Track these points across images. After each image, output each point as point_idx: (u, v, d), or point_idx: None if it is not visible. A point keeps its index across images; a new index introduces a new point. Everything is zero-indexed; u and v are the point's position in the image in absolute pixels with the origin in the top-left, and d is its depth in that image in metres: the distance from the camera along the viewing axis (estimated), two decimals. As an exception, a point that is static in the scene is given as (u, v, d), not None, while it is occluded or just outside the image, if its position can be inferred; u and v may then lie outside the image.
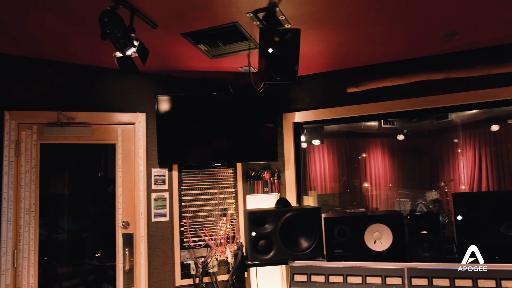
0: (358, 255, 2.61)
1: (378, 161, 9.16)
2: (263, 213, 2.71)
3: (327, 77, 3.94)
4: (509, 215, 2.45)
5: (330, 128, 8.12)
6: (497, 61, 3.35)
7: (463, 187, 8.24)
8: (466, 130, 8.30)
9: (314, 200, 4.84)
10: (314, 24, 2.87)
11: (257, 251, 2.66)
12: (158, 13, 2.65)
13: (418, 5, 2.65)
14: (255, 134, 3.89)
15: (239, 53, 3.36)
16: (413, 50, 3.53)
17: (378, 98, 3.76)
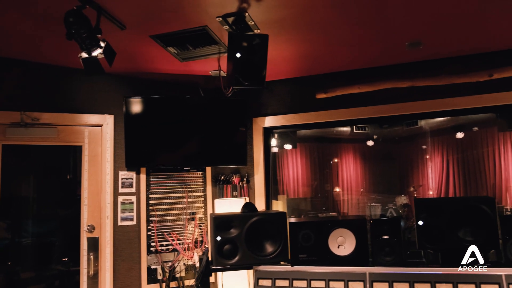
0: (322, 259, 2.64)
1: (350, 166, 9.28)
2: (229, 217, 2.70)
3: (297, 83, 3.98)
4: (467, 221, 2.52)
5: (303, 133, 8.18)
6: (460, 71, 3.46)
7: (431, 192, 8.44)
8: (435, 136, 8.52)
9: (284, 205, 4.86)
10: (284, 30, 2.90)
11: (222, 256, 2.65)
12: (126, 14, 2.62)
13: (384, 14, 2.71)
14: (225, 138, 3.89)
15: (209, 57, 3.36)
16: (381, 58, 3.61)
17: (346, 104, 3.82)
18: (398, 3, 2.55)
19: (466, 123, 7.75)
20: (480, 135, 7.75)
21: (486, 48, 3.42)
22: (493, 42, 3.31)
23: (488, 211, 2.48)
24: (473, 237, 2.52)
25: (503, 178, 7.26)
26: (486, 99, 3.51)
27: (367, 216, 7.93)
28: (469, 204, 2.56)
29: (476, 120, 7.56)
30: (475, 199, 2.58)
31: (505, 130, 6.75)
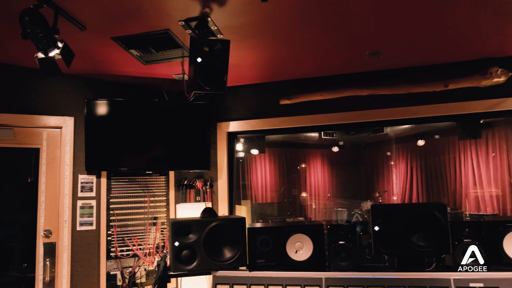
0: (280, 264, 2.66)
1: (318, 172, 9.39)
2: (187, 222, 2.68)
3: (261, 88, 4.01)
4: (420, 227, 2.59)
5: (272, 138, 8.23)
6: (418, 81, 3.57)
7: (395, 197, 8.63)
8: (399, 143, 8.73)
9: (248, 210, 4.87)
10: (248, 36, 2.92)
11: (179, 261, 2.63)
12: (86, 15, 2.58)
13: (346, 24, 2.77)
14: (189, 143, 3.87)
15: (172, 60, 3.34)
16: (343, 66, 3.68)
17: (309, 111, 3.87)
18: (358, 14, 2.62)
19: (429, 131, 7.99)
20: (442, 143, 8.00)
21: (442, 59, 3.55)
22: (448, 54, 3.44)
23: (440, 217, 2.56)
24: (425, 242, 2.59)
25: (463, 185, 7.52)
26: (443, 109, 3.63)
27: (333, 221, 8.04)
28: (423, 210, 2.63)
29: (439, 128, 7.81)
30: (428, 205, 2.65)
31: (465, 138, 6.99)
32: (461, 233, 2.49)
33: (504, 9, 2.61)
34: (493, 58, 3.47)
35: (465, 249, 2.45)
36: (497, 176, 6.90)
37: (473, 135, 6.26)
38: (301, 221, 7.32)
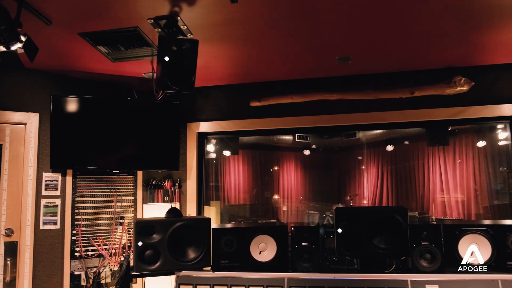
0: (243, 265, 2.67)
1: (291, 174, 9.44)
2: (151, 222, 2.66)
3: (232, 90, 4.02)
4: (382, 229, 2.65)
5: (246, 140, 8.24)
6: (385, 87, 3.65)
7: (365, 201, 8.76)
8: (371, 148, 8.87)
9: (217, 211, 4.86)
10: (218, 37, 2.92)
11: (142, 261, 2.61)
12: (52, 10, 2.53)
13: (316, 29, 2.81)
14: (158, 142, 3.84)
15: (142, 59, 3.32)
16: (313, 71, 3.72)
17: (279, 114, 3.90)
18: (328, 19, 2.66)
19: (400, 137, 8.15)
20: (412, 148, 8.17)
21: (409, 67, 3.64)
22: (414, 62, 3.53)
23: (401, 220, 2.62)
24: (386, 244, 2.65)
25: (431, 190, 7.70)
26: (409, 115, 3.73)
27: (305, 223, 8.10)
28: (385, 213, 2.69)
29: (409, 135, 7.97)
30: (390, 209, 2.72)
31: (433, 145, 7.16)
32: (419, 236, 2.56)
33: (469, 18, 2.70)
34: (457, 68, 3.58)
35: (423, 251, 2.52)
36: (463, 182, 7.08)
37: (441, 142, 6.41)
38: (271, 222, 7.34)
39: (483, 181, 6.46)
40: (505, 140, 4.25)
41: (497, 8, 2.55)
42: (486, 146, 6.04)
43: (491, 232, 2.39)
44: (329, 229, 3.20)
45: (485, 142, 5.97)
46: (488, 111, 3.58)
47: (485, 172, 6.39)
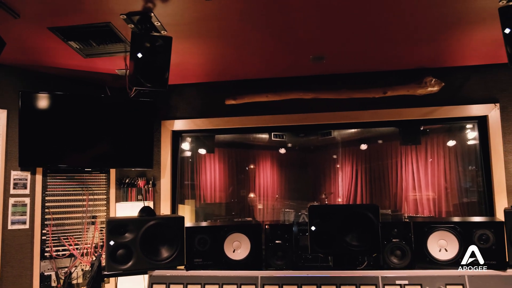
0: (217, 264, 2.66)
1: (267, 173, 9.47)
2: (124, 221, 2.63)
3: (207, 88, 4.00)
4: (353, 227, 2.69)
5: (222, 138, 8.21)
6: (359, 87, 3.70)
7: (340, 199, 8.87)
8: (346, 147, 8.98)
9: (192, 209, 4.83)
10: (193, 34, 2.89)
11: (114, 261, 2.57)
12: (20, 3, 2.45)
13: (291, 28, 2.82)
14: (131, 140, 3.78)
15: (115, 55, 3.26)
16: (288, 69, 3.74)
17: (255, 112, 3.90)
18: (303, 18, 2.67)
19: (374, 136, 8.28)
20: (385, 147, 8.31)
21: (382, 67, 3.70)
22: (387, 62, 3.59)
23: (373, 218, 2.67)
24: (358, 242, 2.69)
25: (403, 188, 7.86)
26: (382, 114, 3.79)
27: (281, 221, 8.15)
28: (357, 211, 2.73)
29: (383, 134, 8.11)
30: (361, 206, 2.76)
31: (406, 144, 7.32)
32: (390, 233, 2.61)
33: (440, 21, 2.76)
34: (429, 68, 3.66)
35: (394, 248, 2.57)
36: (434, 181, 7.26)
37: (413, 141, 6.56)
38: (246, 221, 7.35)
39: (453, 179, 6.64)
40: (474, 140, 4.38)
41: (466, 11, 2.62)
42: (456, 145, 6.20)
43: (458, 229, 2.46)
44: (303, 227, 3.24)
45: (455, 141, 6.13)
46: (457, 111, 3.68)
47: (455, 170, 6.57)
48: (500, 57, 3.44)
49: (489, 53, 3.39)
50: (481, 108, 3.62)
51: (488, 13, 2.63)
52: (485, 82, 3.63)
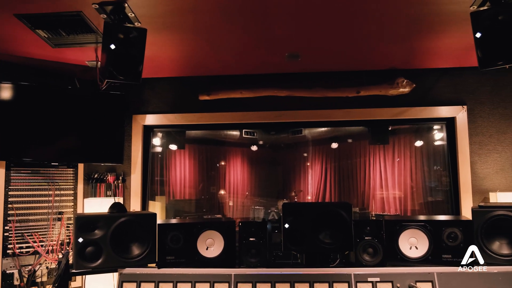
0: (190, 261, 2.62)
1: (237, 170, 9.44)
2: (93, 218, 2.54)
3: (180, 82, 3.94)
4: (326, 224, 2.71)
5: (193, 134, 8.11)
6: (332, 85, 3.73)
7: (309, 197, 8.95)
8: (316, 145, 9.07)
9: (162, 206, 4.75)
10: (167, 27, 2.83)
11: (83, 259, 2.48)
12: (-17, -13, 2.33)
13: (267, 24, 2.80)
14: (101, 134, 3.67)
15: (85, 45, 3.15)
16: (263, 66, 3.73)
17: (229, 108, 3.87)
18: (279, 16, 2.66)
19: (343, 135, 8.39)
20: (354, 146, 8.45)
21: (355, 67, 3.75)
22: (361, 62, 3.64)
23: (345, 215, 2.69)
24: (331, 239, 2.71)
25: (371, 187, 8.01)
26: (354, 114, 3.84)
27: (250, 218, 8.14)
28: (330, 209, 2.75)
29: (352, 133, 8.24)
30: (335, 204, 2.79)
31: (375, 143, 7.47)
32: (362, 231, 2.65)
33: (412, 23, 2.82)
34: (401, 70, 3.73)
35: (366, 246, 2.61)
36: (400, 180, 7.44)
37: (382, 141, 6.70)
38: (217, 218, 7.30)
39: (419, 179, 6.82)
40: (441, 140, 4.51)
41: (438, 15, 2.68)
42: (423, 145, 6.37)
43: (428, 227, 2.52)
44: (273, 225, 3.23)
45: (422, 142, 6.29)
46: (427, 113, 3.77)
47: (421, 170, 6.75)
48: (468, 60, 3.55)
49: (458, 57, 3.49)
50: (449, 110, 3.73)
51: (459, 18, 2.70)
52: (453, 85, 3.74)
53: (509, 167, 3.59)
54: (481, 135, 3.65)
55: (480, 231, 2.47)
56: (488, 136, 3.64)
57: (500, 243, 2.48)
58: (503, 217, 2.45)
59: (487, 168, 3.61)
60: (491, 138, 3.64)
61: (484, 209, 2.51)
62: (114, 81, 2.68)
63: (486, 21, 2.42)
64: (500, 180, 3.58)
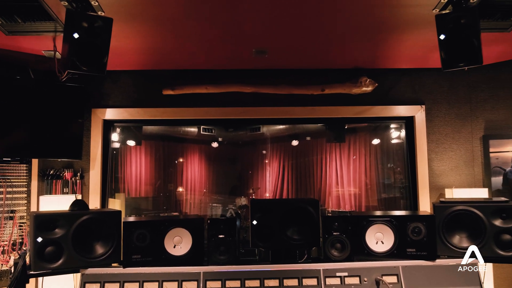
0: (157, 260, 2.54)
1: (195, 167, 9.33)
2: (53, 216, 2.40)
3: (143, 76, 3.81)
4: (294, 221, 2.72)
5: (150, 130, 7.92)
6: (298, 83, 3.76)
7: (267, 194, 9.01)
8: (274, 143, 9.12)
9: (122, 203, 4.60)
10: (131, 18, 2.73)
11: (42, 259, 2.34)
12: None
13: (235, 19, 2.77)
14: (58, 128, 3.48)
15: (42, 34, 2.97)
16: (229, 62, 3.69)
17: (193, 104, 3.80)
18: (247, 11, 2.63)
19: (302, 133, 8.50)
20: (312, 144, 8.59)
21: (321, 65, 3.79)
22: (326, 60, 3.68)
23: (313, 212, 2.72)
24: (299, 235, 2.73)
25: (328, 184, 8.18)
26: (319, 111, 3.88)
27: (208, 215, 8.07)
28: (298, 205, 2.76)
29: (310, 131, 8.36)
30: (302, 201, 2.80)
31: (331, 141, 7.63)
32: (331, 227, 2.68)
33: (376, 25, 2.88)
34: (364, 69, 3.82)
35: (334, 241, 2.64)
36: (355, 177, 7.64)
37: (338, 139, 6.85)
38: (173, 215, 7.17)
39: (374, 176, 7.04)
40: (397, 139, 4.67)
41: (401, 17, 2.77)
42: (379, 144, 6.57)
43: (394, 222, 2.59)
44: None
45: (378, 140, 6.49)
46: (387, 111, 3.89)
47: (375, 168, 6.97)
48: (427, 62, 3.70)
49: (418, 58, 3.62)
50: (408, 109, 3.86)
51: (421, 20, 2.80)
52: (413, 85, 3.88)
53: (463, 164, 3.77)
54: (438, 133, 3.81)
55: (442, 225, 2.58)
56: (444, 134, 3.81)
57: (460, 237, 2.60)
58: (463, 212, 2.57)
59: (443, 166, 3.78)
60: (447, 137, 3.81)
61: (445, 204, 2.62)
62: (77, 72, 2.54)
63: (449, 23, 2.52)
64: (454, 177, 3.75)
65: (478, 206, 2.56)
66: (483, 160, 3.73)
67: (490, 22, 2.90)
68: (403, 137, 4.20)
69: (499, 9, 2.74)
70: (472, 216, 2.56)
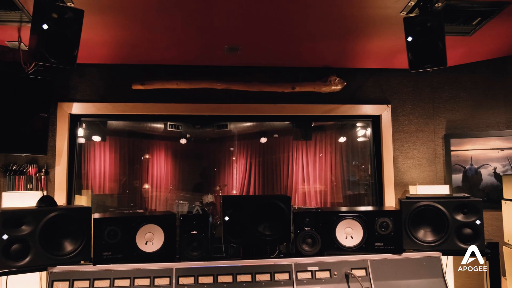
0: (129, 257, 2.50)
1: (161, 164, 9.21)
2: (20, 212, 2.32)
3: (112, 70, 3.74)
4: (266, 217, 2.75)
5: (115, 125, 7.75)
6: (269, 80, 3.80)
7: (234, 191, 9.02)
8: (241, 140, 9.14)
9: (88, 200, 4.49)
10: (101, 10, 2.68)
11: (7, 257, 2.26)
12: None
13: (208, 15, 2.76)
14: (21, 122, 3.37)
15: (7, 24, 2.87)
16: (201, 58, 3.68)
17: (163, 99, 3.77)
18: (220, 7, 2.64)
19: (269, 130, 8.57)
20: (279, 142, 8.67)
21: (292, 63, 3.85)
22: (297, 59, 3.74)
23: (284, 208, 2.76)
24: (270, 231, 2.76)
25: (294, 181, 8.29)
26: (289, 109, 3.94)
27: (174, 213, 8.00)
28: (269, 201, 2.79)
29: (278, 128, 8.44)
30: (274, 197, 2.83)
31: (298, 139, 7.74)
32: (302, 223, 2.73)
33: (345, 25, 2.96)
34: (333, 68, 3.91)
35: (305, 236, 2.69)
36: (321, 174, 7.79)
37: (305, 137, 6.96)
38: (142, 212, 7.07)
39: (339, 173, 7.20)
40: (363, 137, 4.81)
41: (370, 18, 2.86)
42: (345, 142, 6.72)
43: (363, 217, 2.67)
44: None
45: (345, 138, 6.64)
46: (355, 110, 4.00)
47: (340, 165, 7.12)
48: (394, 62, 3.82)
49: (385, 58, 3.74)
50: (375, 108, 3.98)
51: (389, 22, 2.90)
52: (380, 85, 4.00)
53: (426, 162, 3.93)
54: (403, 132, 3.95)
55: (407, 220, 2.68)
56: (409, 133, 3.95)
57: (424, 231, 2.71)
58: (427, 207, 2.68)
59: (407, 163, 3.92)
60: (411, 135, 3.96)
61: (411, 200, 2.72)
62: (41, 65, 2.46)
63: (417, 26, 2.62)
64: (418, 174, 3.91)
65: (441, 202, 2.68)
66: (445, 158, 3.90)
67: (454, 26, 3.05)
68: (368, 135, 4.33)
69: (462, 14, 2.88)
70: (436, 211, 2.67)
